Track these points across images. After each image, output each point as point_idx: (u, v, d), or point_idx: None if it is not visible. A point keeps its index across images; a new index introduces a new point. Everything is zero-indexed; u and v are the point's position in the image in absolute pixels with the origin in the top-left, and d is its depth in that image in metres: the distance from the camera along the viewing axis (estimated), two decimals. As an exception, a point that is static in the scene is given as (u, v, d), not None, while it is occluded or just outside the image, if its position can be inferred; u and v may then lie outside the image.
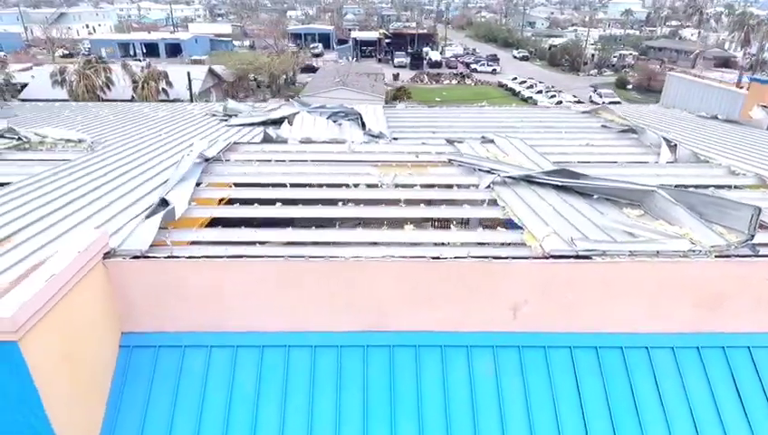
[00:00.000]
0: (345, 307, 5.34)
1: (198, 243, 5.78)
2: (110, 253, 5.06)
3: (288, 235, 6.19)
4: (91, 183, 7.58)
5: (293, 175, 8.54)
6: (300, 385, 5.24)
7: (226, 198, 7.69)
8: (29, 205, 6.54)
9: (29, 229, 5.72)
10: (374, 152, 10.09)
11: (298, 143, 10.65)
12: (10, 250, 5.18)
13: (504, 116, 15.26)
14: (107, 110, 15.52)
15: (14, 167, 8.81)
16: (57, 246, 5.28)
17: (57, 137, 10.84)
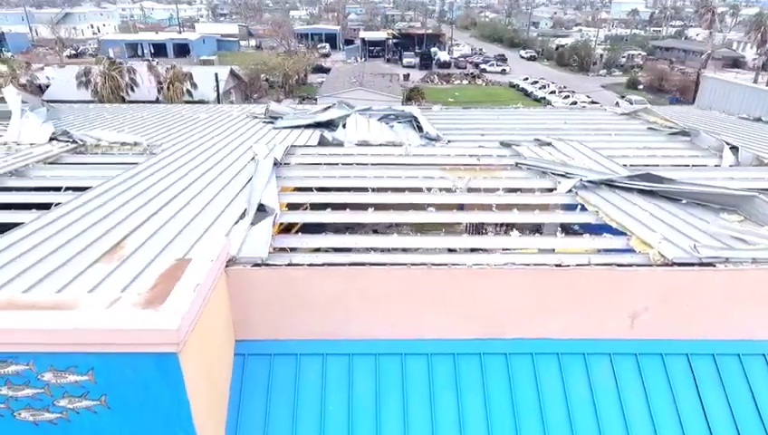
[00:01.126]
0: (462, 314, 5.30)
1: (301, 250, 5.74)
2: (231, 261, 5.02)
3: (385, 241, 6.15)
4: (172, 187, 7.53)
5: (363, 179, 8.51)
6: (418, 393, 5.19)
7: (307, 203, 7.65)
8: (122, 210, 6.48)
9: (135, 236, 5.66)
10: (436, 155, 10.05)
11: (354, 146, 10.62)
12: (128, 257, 5.12)
13: (544, 118, 15.22)
14: (145, 112, 15.45)
15: (84, 170, 8.76)
16: (171, 252, 5.24)
17: (112, 140, 10.79)
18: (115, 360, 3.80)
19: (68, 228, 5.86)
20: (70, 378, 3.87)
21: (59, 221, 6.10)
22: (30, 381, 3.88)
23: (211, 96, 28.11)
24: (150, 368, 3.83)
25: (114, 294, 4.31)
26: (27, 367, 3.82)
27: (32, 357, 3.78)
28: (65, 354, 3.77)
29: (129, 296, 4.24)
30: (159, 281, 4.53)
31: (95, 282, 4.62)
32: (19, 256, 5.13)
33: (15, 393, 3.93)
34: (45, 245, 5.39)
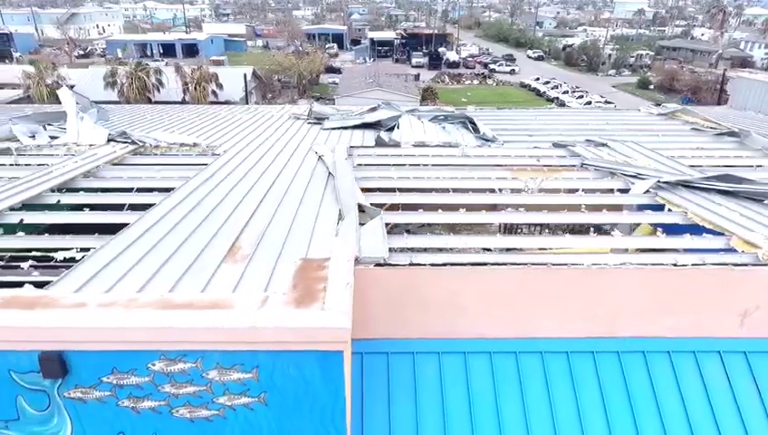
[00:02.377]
0: (575, 313, 5.39)
1: (412, 250, 5.82)
2: (355, 260, 5.10)
3: (482, 241, 6.25)
4: (256, 188, 7.62)
5: (437, 180, 8.61)
6: (534, 390, 5.29)
7: (387, 203, 7.73)
8: (220, 211, 6.57)
9: (246, 237, 5.74)
10: (496, 156, 10.13)
11: (411, 147, 10.70)
12: (251, 258, 5.20)
13: (583, 118, 15.32)
14: (184, 113, 15.53)
15: (156, 171, 8.82)
16: (289, 252, 5.32)
17: (170, 141, 10.87)
18: (280, 358, 3.89)
19: (176, 229, 5.93)
20: (233, 375, 3.95)
21: (163, 222, 6.18)
22: (194, 378, 3.96)
23: (236, 97, 28.19)
24: (314, 365, 3.91)
25: (260, 294, 4.40)
26: (194, 365, 3.90)
27: (200, 355, 3.87)
28: (233, 352, 3.86)
29: (276, 296, 4.33)
30: (298, 281, 4.62)
31: (232, 281, 4.69)
32: (144, 255, 5.21)
33: (177, 390, 4.02)
34: (164, 245, 5.47)
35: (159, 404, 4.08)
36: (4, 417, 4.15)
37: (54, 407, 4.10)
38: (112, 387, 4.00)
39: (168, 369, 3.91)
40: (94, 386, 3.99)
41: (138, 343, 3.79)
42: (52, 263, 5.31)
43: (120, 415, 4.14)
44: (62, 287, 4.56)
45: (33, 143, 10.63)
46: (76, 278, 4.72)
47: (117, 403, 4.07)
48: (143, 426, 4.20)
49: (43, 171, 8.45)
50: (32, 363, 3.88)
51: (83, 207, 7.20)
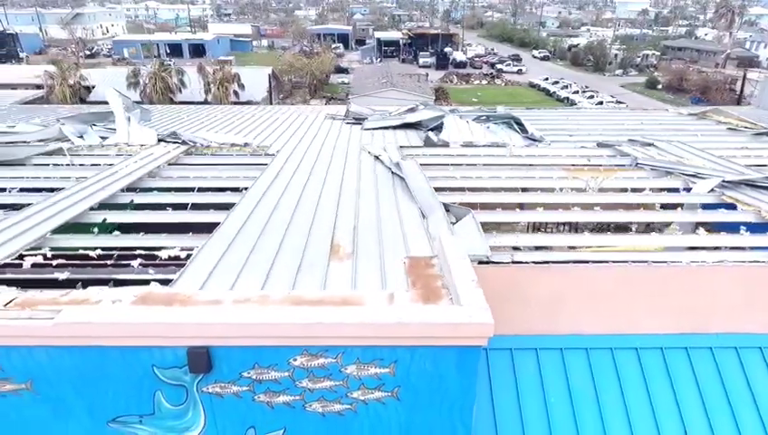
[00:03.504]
0: (669, 310, 5.49)
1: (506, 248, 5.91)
2: (459, 258, 5.18)
3: (570, 239, 6.36)
4: (327, 187, 7.71)
5: (494, 179, 8.70)
6: (631, 385, 5.39)
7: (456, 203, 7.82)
8: (302, 211, 6.65)
9: (341, 235, 5.83)
10: (546, 156, 10.24)
11: (460, 147, 10.80)
12: (356, 256, 5.29)
13: (616, 118, 15.44)
14: (219, 113, 15.61)
15: (219, 171, 8.92)
16: (390, 251, 5.41)
17: (220, 141, 10.96)
18: (418, 353, 3.97)
19: (267, 228, 6.02)
20: (371, 370, 4.04)
21: (251, 221, 6.26)
22: (332, 373, 4.05)
23: (257, 97, 28.26)
24: (451, 360, 4.00)
25: (384, 291, 4.50)
26: (334, 360, 3.99)
27: (342, 350, 3.95)
28: (375, 348, 3.94)
29: (400, 293, 4.42)
30: (415, 278, 4.71)
31: (347, 279, 4.78)
32: (249, 254, 5.30)
33: (314, 385, 4.11)
34: (264, 244, 5.55)
35: (294, 399, 4.17)
36: (139, 411, 4.23)
37: (191, 402, 4.19)
38: (251, 382, 4.08)
39: (308, 364, 4.00)
40: (233, 381, 4.07)
41: (285, 339, 3.87)
42: (157, 261, 5.39)
43: (253, 410, 4.22)
44: (183, 285, 4.64)
45: (84, 143, 10.71)
46: (194, 276, 4.81)
47: (253, 398, 4.16)
48: (274, 420, 4.29)
49: (107, 172, 8.53)
50: (176, 359, 3.97)
51: (162, 206, 7.29)
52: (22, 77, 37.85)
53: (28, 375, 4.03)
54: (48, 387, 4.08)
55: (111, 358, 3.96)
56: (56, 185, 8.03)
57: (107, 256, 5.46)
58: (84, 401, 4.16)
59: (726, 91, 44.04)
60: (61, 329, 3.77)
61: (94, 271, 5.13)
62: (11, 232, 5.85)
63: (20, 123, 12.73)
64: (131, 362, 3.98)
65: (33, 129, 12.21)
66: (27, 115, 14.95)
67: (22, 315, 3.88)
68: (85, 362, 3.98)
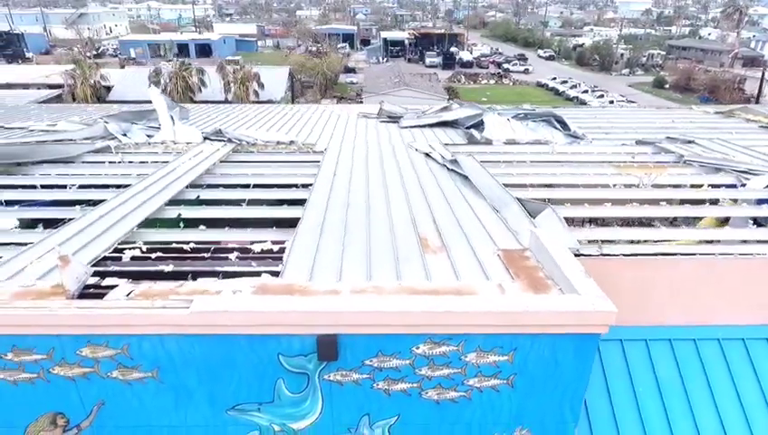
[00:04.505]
0: (751, 301, 5.60)
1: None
2: (551, 251, 5.29)
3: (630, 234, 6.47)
4: (390, 184, 7.80)
5: (550, 176, 8.81)
6: (716, 375, 5.49)
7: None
8: (375, 207, 6.75)
9: (425, 229, 5.93)
10: (592, 153, 10.33)
11: (503, 144, 10.91)
12: (447, 249, 5.39)
13: (645, 117, 15.54)
14: (251, 112, 15.70)
15: (274, 168, 8.99)
16: (477, 244, 5.51)
17: (266, 139, 11.05)
18: (538, 341, 4.08)
19: (349, 223, 6.12)
20: (490, 358, 4.15)
21: (330, 216, 6.36)
22: (452, 361, 4.16)
23: (277, 96, 28.34)
24: (569, 348, 4.10)
25: (491, 282, 4.60)
26: (456, 348, 4.10)
27: (464, 338, 4.06)
28: (496, 336, 4.05)
29: (508, 283, 4.54)
30: (516, 270, 4.82)
31: (448, 270, 4.88)
32: (344, 247, 5.40)
33: (433, 373, 4.21)
34: (353, 238, 5.65)
35: (412, 386, 4.28)
36: (259, 399, 4.33)
37: (311, 390, 4.29)
38: (372, 370, 4.19)
39: (430, 352, 4.11)
40: (355, 369, 4.18)
41: (413, 327, 3.97)
42: (251, 254, 5.49)
43: (370, 397, 4.33)
44: (291, 276, 4.74)
45: (130, 141, 10.79)
46: (298, 268, 4.90)
47: (371, 386, 4.26)
48: (389, 408, 4.40)
49: (166, 169, 8.62)
50: (302, 347, 4.07)
51: (229, 201, 7.38)
52: (32, 77, 37.99)
53: (156, 364, 4.13)
54: (173, 375, 4.19)
55: (239, 346, 4.06)
56: (119, 182, 8.13)
57: (201, 250, 5.55)
58: (206, 389, 4.27)
59: (735, 91, 44.19)
60: (197, 318, 3.87)
61: (194, 263, 5.23)
62: (100, 226, 5.95)
63: (61, 121, 12.81)
64: (258, 350, 4.08)
65: (75, 127, 12.29)
66: (59, 114, 15.02)
67: (156, 305, 3.97)
68: (213, 351, 4.08)
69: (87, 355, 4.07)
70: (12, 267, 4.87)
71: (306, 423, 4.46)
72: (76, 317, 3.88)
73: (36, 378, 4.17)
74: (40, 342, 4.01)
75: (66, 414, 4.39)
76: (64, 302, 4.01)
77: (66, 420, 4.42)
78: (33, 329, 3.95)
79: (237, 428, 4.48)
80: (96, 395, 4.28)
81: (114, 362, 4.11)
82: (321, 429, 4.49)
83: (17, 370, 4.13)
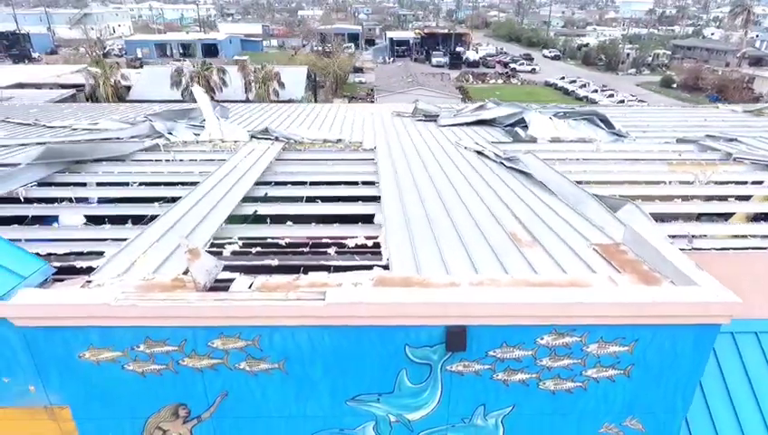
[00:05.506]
0: (836, 295, 5.69)
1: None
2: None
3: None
4: (456, 180, 7.88)
5: (603, 173, 8.91)
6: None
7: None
8: (451, 202, 6.83)
9: (509, 225, 6.01)
10: (638, 151, 10.42)
11: (548, 142, 11.00)
12: (541, 245, 5.47)
13: (675, 116, 15.66)
14: (281, 110, 15.78)
15: (330, 166, 9.08)
16: (568, 239, 5.60)
17: (313, 137, 11.13)
18: (660, 332, 4.16)
19: (432, 218, 6.20)
20: (611, 349, 4.24)
21: (410, 211, 6.44)
22: (573, 352, 4.24)
23: (297, 95, 28.43)
24: (689, 339, 4.19)
25: (599, 275, 4.68)
26: (579, 339, 4.18)
27: (588, 329, 4.14)
28: (619, 327, 4.13)
29: (618, 276, 4.62)
30: (620, 263, 4.91)
31: (550, 264, 4.96)
32: (436, 241, 5.48)
33: (553, 364, 4.30)
34: (443, 232, 5.73)
35: (530, 377, 4.36)
36: (380, 390, 4.42)
37: (431, 380, 4.38)
38: (494, 361, 4.28)
39: (554, 343, 4.19)
40: (478, 360, 4.27)
41: (540, 318, 4.06)
42: (347, 249, 5.57)
43: (488, 388, 4.42)
44: (398, 269, 4.82)
45: (178, 139, 10.86)
46: (401, 261, 4.98)
47: (491, 376, 4.35)
48: (505, 398, 4.48)
49: (227, 167, 8.69)
50: (429, 338, 4.15)
51: (298, 198, 7.46)
52: (43, 77, 38.00)
53: (283, 355, 4.21)
54: (299, 367, 4.27)
55: (368, 338, 4.15)
56: (182, 179, 8.21)
57: (297, 245, 5.63)
58: (330, 379, 4.35)
59: (744, 90, 44.37)
60: (333, 309, 3.96)
61: (294, 258, 5.30)
62: (188, 223, 6.03)
63: (102, 120, 12.89)
64: (386, 341, 4.17)
65: (117, 126, 12.36)
66: (93, 114, 15.08)
67: (290, 297, 4.06)
68: (341, 342, 4.17)
69: (218, 347, 4.15)
70: (121, 262, 4.94)
71: (422, 414, 4.54)
72: (214, 309, 3.96)
73: (165, 369, 4.26)
74: (174, 333, 4.09)
75: (188, 405, 4.47)
76: (201, 294, 4.08)
77: (188, 411, 4.50)
78: (170, 320, 4.03)
79: (354, 418, 4.57)
80: (221, 386, 4.36)
81: (243, 354, 4.20)
82: (435, 419, 4.58)
83: (147, 361, 4.21)
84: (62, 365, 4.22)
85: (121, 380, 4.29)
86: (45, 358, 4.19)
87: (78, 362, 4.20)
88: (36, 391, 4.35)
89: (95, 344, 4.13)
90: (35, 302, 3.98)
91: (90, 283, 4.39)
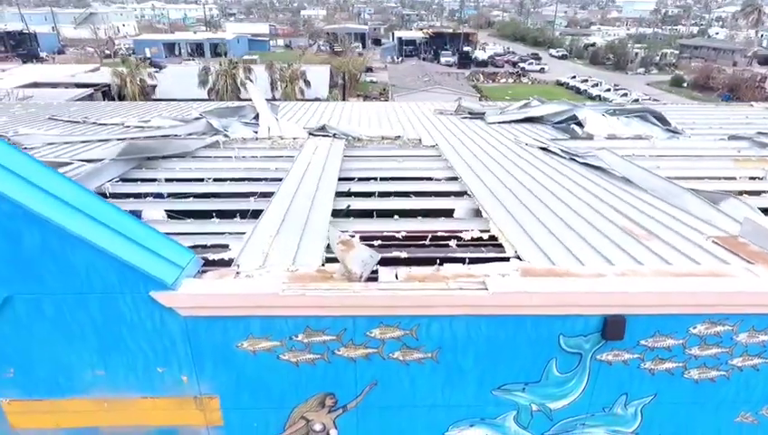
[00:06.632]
0: None
1: None
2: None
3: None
4: (540, 176, 7.95)
5: (672, 169, 8.97)
6: None
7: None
8: (551, 198, 6.89)
9: (616, 218, 6.08)
10: (696, 148, 10.49)
11: (604, 139, 11.07)
12: (659, 239, 5.53)
13: (718, 113, 15.73)
14: (322, 108, 15.81)
15: (399, 162, 9.11)
16: (682, 232, 5.65)
17: (372, 134, 11.18)
18: (809, 320, 4.23)
19: (536, 212, 6.26)
20: (760, 338, 4.30)
21: (511, 205, 6.50)
22: (723, 341, 4.31)
23: (322, 94, 28.50)
24: (838, 327, 4.26)
25: (733, 266, 4.74)
26: (731, 328, 4.25)
27: (740, 318, 4.20)
28: (770, 316, 4.20)
29: (752, 266, 4.68)
30: (749, 255, 4.97)
31: (674, 255, 5.02)
32: (550, 233, 5.53)
33: (701, 353, 4.36)
34: (555, 224, 5.79)
35: (676, 366, 4.42)
36: (527, 379, 4.47)
37: (579, 369, 4.43)
38: (644, 350, 4.33)
39: (705, 332, 4.25)
40: (629, 349, 4.32)
41: (698, 307, 4.12)
42: (465, 242, 5.62)
43: (633, 377, 4.48)
44: (533, 261, 4.87)
45: (238, 137, 10.90)
46: (529, 253, 5.03)
47: (639, 365, 4.41)
48: (648, 387, 4.54)
49: (302, 162, 8.74)
50: (585, 327, 4.21)
51: (385, 194, 7.50)
52: (56, 77, 38.01)
53: (438, 344, 4.27)
54: (452, 356, 4.32)
55: (524, 327, 4.20)
56: (261, 175, 8.27)
57: (414, 238, 5.68)
58: (479, 369, 4.40)
59: (756, 89, 44.49)
60: (498, 298, 4.01)
61: (416, 251, 5.34)
62: (298, 216, 6.07)
63: (154, 118, 12.92)
64: (541, 330, 4.22)
65: (168, 123, 12.38)
66: (136, 112, 15.11)
67: (451, 286, 4.11)
68: (497, 332, 4.22)
69: (376, 336, 4.20)
70: (252, 255, 4.96)
71: (565, 403, 4.60)
72: (380, 298, 4.01)
73: (319, 359, 4.31)
74: (334, 323, 4.14)
75: (336, 395, 4.52)
76: (364, 284, 4.13)
77: (334, 401, 4.55)
78: (333, 310, 4.08)
79: (497, 407, 4.63)
80: (371, 376, 4.41)
81: (399, 343, 4.25)
82: (576, 408, 4.64)
83: (303, 351, 4.27)
84: (218, 355, 4.27)
85: (275, 369, 4.34)
86: (203, 348, 4.24)
87: (235, 351, 4.25)
88: (188, 381, 4.40)
89: (255, 334, 4.18)
90: (203, 292, 4.03)
91: (239, 274, 4.43)
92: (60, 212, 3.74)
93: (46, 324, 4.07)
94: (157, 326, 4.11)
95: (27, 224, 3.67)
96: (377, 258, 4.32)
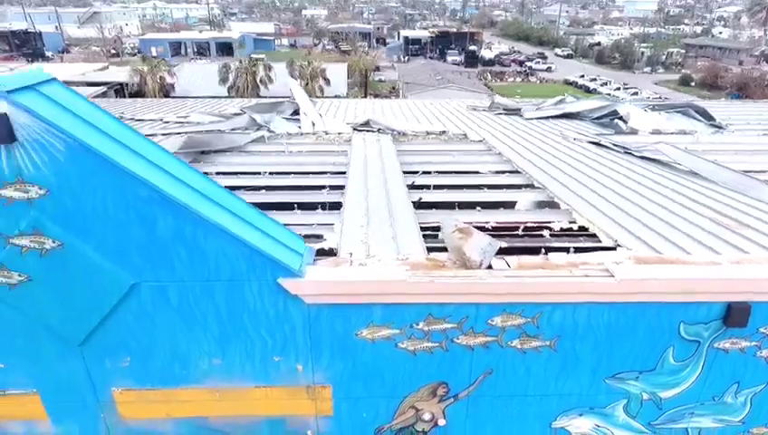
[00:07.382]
0: None
1: None
2: None
3: None
4: (604, 168, 7.94)
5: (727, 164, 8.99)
6: None
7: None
8: (619, 188, 6.88)
9: (701, 210, 6.07)
10: (743, 143, 10.50)
11: (648, 134, 11.06)
12: (751, 228, 5.52)
13: (747, 109, 15.74)
14: (352, 104, 15.79)
15: (454, 156, 9.08)
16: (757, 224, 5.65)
17: (415, 129, 11.16)
18: None
19: (618, 203, 6.25)
20: None
21: (585, 195, 6.49)
22: None
23: (342, 91, 28.50)
24: None
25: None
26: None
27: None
28: None
29: None
30: None
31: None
32: (646, 222, 5.52)
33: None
34: (641, 214, 5.78)
35: None
36: (642, 367, 4.46)
37: (694, 358, 4.42)
38: (762, 337, 4.32)
39: None
40: (747, 336, 4.31)
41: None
42: (557, 232, 5.61)
43: (747, 365, 4.48)
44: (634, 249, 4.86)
45: (283, 132, 10.87)
46: (625, 242, 5.01)
47: (755, 353, 4.40)
48: (761, 375, 4.55)
49: (358, 157, 8.72)
50: (707, 314, 4.19)
51: (449, 187, 7.48)
52: (65, 76, 37.96)
53: (557, 332, 4.25)
54: (570, 344, 4.30)
55: (645, 314, 4.18)
56: (322, 169, 8.23)
57: (502, 229, 5.66)
58: (595, 357, 4.39)
59: (766, 88, 44.57)
60: (625, 285, 3.99)
61: (516, 240, 5.32)
62: (380, 207, 6.05)
63: (193, 113, 12.89)
64: (662, 318, 4.21)
65: (208, 118, 12.36)
66: (168, 108, 15.05)
67: (575, 274, 4.09)
68: (618, 319, 4.20)
69: (497, 324, 4.19)
70: (351, 244, 4.92)
71: (676, 391, 4.59)
72: (506, 285, 4.00)
73: (436, 347, 4.29)
74: (457, 310, 4.12)
75: (449, 384, 4.51)
76: (488, 271, 4.11)
77: (446, 390, 4.54)
78: (457, 297, 4.06)
79: (608, 396, 4.61)
80: (486, 365, 4.40)
81: (519, 331, 4.23)
82: (686, 396, 4.63)
83: (422, 339, 4.25)
84: (336, 343, 4.25)
85: (391, 358, 4.32)
86: (322, 336, 4.22)
87: (354, 340, 4.23)
88: (303, 370, 4.38)
89: (375, 322, 4.16)
90: (329, 279, 4.01)
91: (352, 263, 4.41)
92: (194, 199, 3.72)
93: (170, 313, 4.04)
94: (280, 314, 4.09)
95: (163, 209, 3.64)
96: (496, 247, 4.29)
